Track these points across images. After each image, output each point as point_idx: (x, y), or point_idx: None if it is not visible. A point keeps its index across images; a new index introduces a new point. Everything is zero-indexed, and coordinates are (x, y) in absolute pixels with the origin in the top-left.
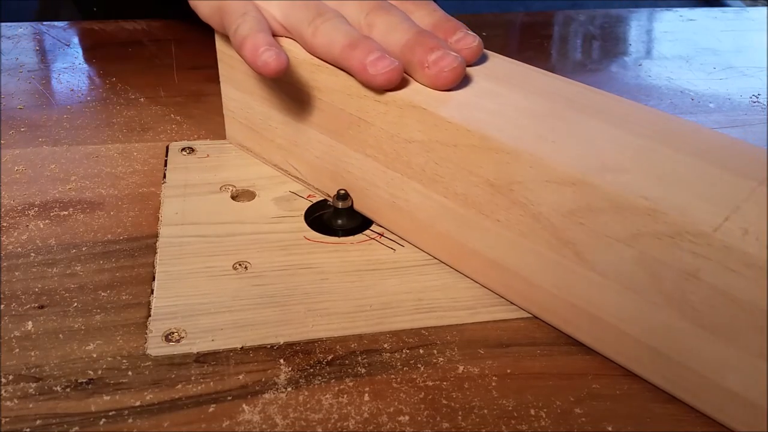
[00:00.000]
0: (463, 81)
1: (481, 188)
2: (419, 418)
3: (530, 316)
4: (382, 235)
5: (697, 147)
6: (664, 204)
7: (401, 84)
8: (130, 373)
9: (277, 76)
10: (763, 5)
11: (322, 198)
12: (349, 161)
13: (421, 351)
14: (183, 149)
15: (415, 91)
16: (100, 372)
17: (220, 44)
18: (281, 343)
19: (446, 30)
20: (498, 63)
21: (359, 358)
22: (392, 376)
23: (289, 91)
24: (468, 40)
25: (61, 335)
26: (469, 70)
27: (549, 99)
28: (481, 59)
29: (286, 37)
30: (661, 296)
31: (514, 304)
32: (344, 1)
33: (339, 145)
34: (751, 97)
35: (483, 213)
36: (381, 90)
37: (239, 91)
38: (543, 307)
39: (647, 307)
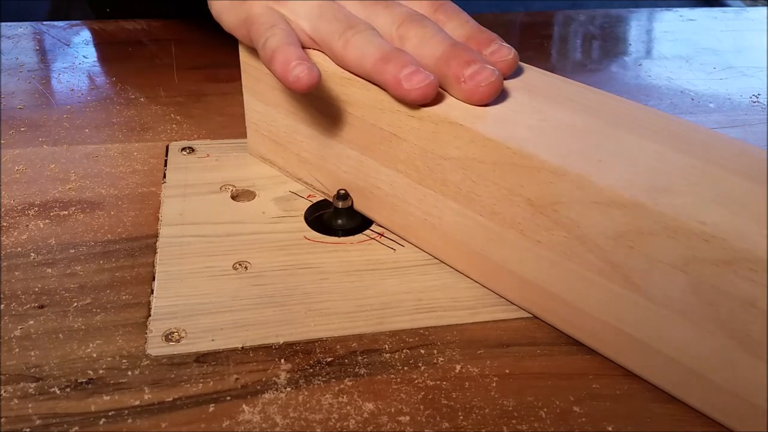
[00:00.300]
0: (500, 95)
1: (521, 208)
2: (419, 418)
3: (530, 316)
4: (382, 235)
5: (748, 167)
6: (720, 229)
7: (436, 99)
8: (130, 373)
9: (309, 91)
10: (763, 5)
11: (322, 198)
12: (379, 177)
13: (421, 351)
14: (183, 149)
15: (450, 106)
16: (100, 372)
17: (244, 55)
18: (281, 343)
19: (480, 41)
20: (533, 75)
21: (359, 358)
22: (392, 376)
23: (316, 104)
24: (503, 52)
25: (61, 335)
26: (505, 83)
27: (588, 113)
28: (516, 71)
29: (314, 49)
30: (716, 324)
31: (556, 328)
32: (375, 13)
33: (368, 160)
34: (751, 97)
35: (523, 233)
36: (415, 105)
37: (263, 104)
38: (586, 331)
39: (700, 335)
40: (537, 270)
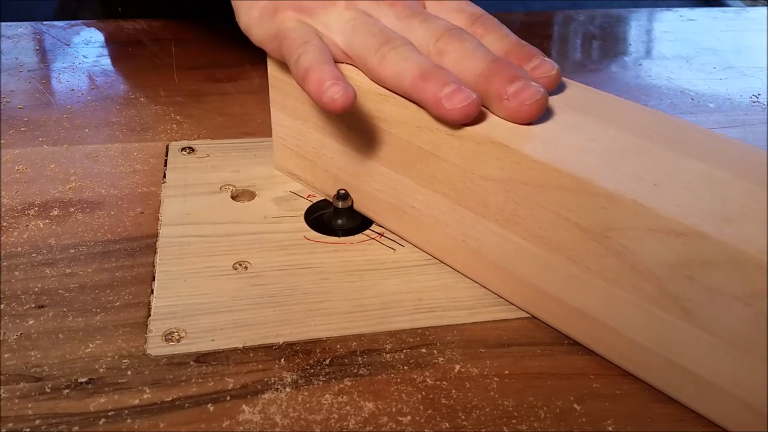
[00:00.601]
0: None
1: (569, 233)
2: (419, 418)
3: (529, 315)
4: (382, 235)
5: None
6: None
7: (477, 117)
8: (129, 372)
9: (344, 112)
10: (763, 5)
11: (322, 198)
12: (414, 196)
13: (422, 351)
14: (183, 149)
15: (493, 124)
16: (100, 372)
17: (272, 69)
18: (281, 342)
19: (521, 56)
20: (575, 91)
21: (359, 358)
22: (392, 376)
23: (348, 120)
24: (546, 68)
25: (60, 335)
26: None
27: (637, 132)
28: (558, 87)
29: (347, 64)
30: None
31: (605, 358)
32: (411, 27)
33: (403, 178)
34: (751, 97)
35: (571, 259)
36: (456, 124)
37: (291, 118)
38: (636, 362)
39: (759, 368)
40: (586, 298)
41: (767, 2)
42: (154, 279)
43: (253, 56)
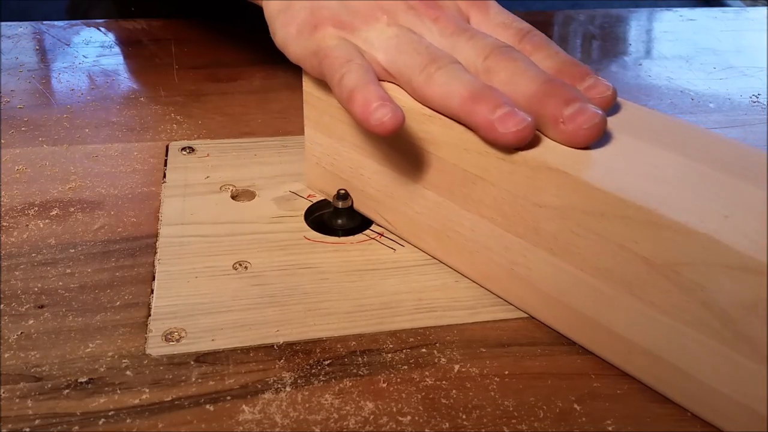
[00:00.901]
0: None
1: (633, 265)
2: (419, 418)
3: (529, 316)
4: (382, 234)
5: None
6: None
7: (531, 140)
8: (129, 372)
9: (392, 135)
10: (763, 5)
11: (322, 198)
12: (459, 221)
13: (422, 351)
14: (183, 149)
15: (548, 149)
16: (99, 372)
17: (308, 86)
18: (281, 342)
19: (573, 75)
20: (629, 111)
21: (359, 358)
22: (392, 375)
23: (389, 140)
24: (601, 88)
25: (60, 335)
26: None
27: (698, 158)
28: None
29: (389, 82)
30: None
31: (668, 398)
32: (458, 44)
33: (446, 202)
34: (751, 97)
35: (633, 293)
36: (509, 149)
37: (327, 137)
38: (701, 403)
39: None
40: (649, 335)
41: (767, 2)
42: (154, 279)
43: (253, 56)
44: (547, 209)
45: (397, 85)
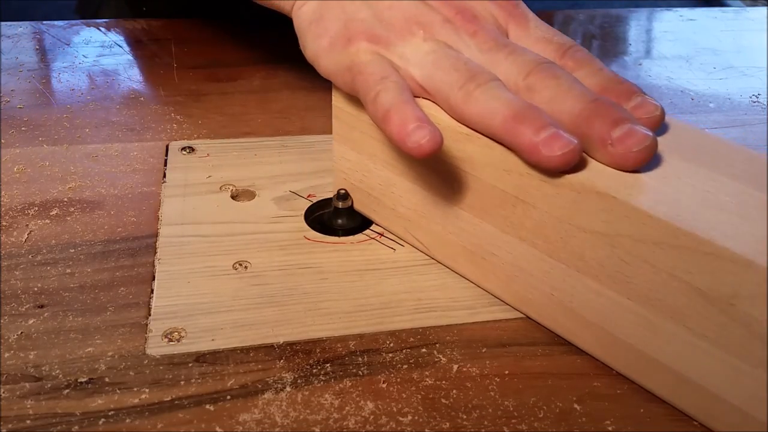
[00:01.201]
0: None
1: (686, 297)
2: (419, 418)
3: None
4: (382, 234)
5: None
6: None
7: (577, 163)
8: (129, 372)
9: (429, 157)
10: (763, 5)
11: (323, 197)
12: (496, 243)
13: (422, 350)
14: (183, 148)
15: (595, 172)
16: (99, 371)
17: (337, 101)
18: (281, 342)
19: (619, 94)
20: (678, 131)
21: (359, 358)
22: (392, 375)
23: (422, 159)
24: (648, 108)
25: (60, 335)
26: None
27: (753, 183)
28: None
29: (424, 98)
30: None
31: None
32: (497, 60)
33: (483, 223)
34: (751, 97)
35: (685, 325)
36: (554, 172)
37: (356, 152)
38: None
39: None
40: (699, 368)
41: (767, 2)
42: (154, 279)
43: (253, 56)
44: (593, 235)
45: (434, 102)
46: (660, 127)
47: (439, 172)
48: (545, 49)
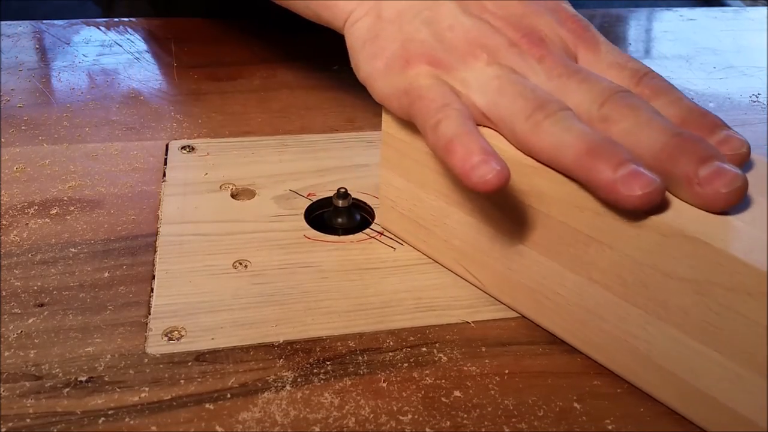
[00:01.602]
0: None
1: None
2: (419, 417)
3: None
4: (381, 233)
5: None
6: None
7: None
8: (129, 371)
9: (495, 193)
10: (763, 5)
11: (323, 197)
12: (562, 283)
13: (422, 349)
14: (183, 147)
15: (681, 213)
16: (99, 370)
17: (388, 126)
18: (281, 341)
19: (701, 127)
20: (763, 169)
21: (359, 357)
22: (392, 374)
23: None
24: (735, 144)
25: (60, 333)
26: None
27: None
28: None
29: (486, 126)
30: None
31: None
32: (568, 87)
33: (549, 262)
34: (751, 97)
35: None
36: (634, 212)
37: (405, 180)
38: None
39: None
40: None
41: (767, 2)
42: (153, 278)
43: (253, 55)
44: (679, 281)
45: (497, 131)
46: (746, 164)
47: (500, 206)
48: (618, 75)
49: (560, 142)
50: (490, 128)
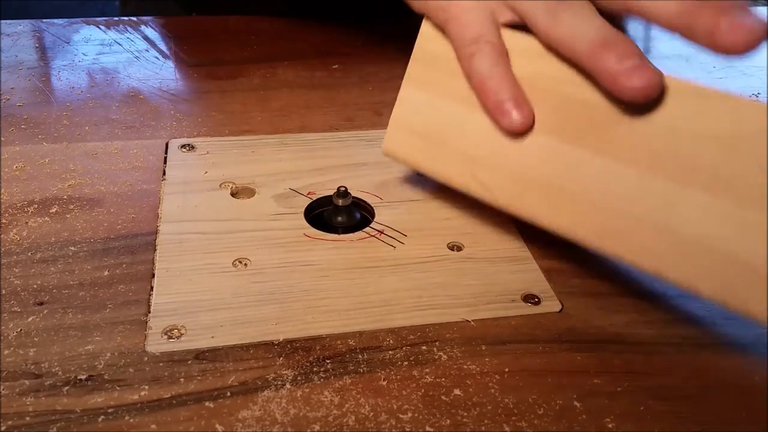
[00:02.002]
0: None
1: None
2: (419, 416)
3: (530, 313)
4: (382, 232)
5: None
6: None
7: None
8: (129, 369)
9: (522, 132)
10: (763, 5)
11: (323, 195)
12: (586, 170)
13: (422, 348)
14: (183, 146)
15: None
16: (99, 369)
17: (425, 41)
18: (281, 340)
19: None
20: None
21: (359, 356)
22: (392, 373)
23: None
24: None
25: (60, 332)
26: None
27: None
28: None
29: (514, 22)
30: None
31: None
32: None
33: (572, 150)
34: (750, 96)
35: None
36: (633, 102)
37: (428, 94)
38: None
39: None
40: None
41: (767, 2)
42: (153, 276)
43: (253, 54)
44: (710, 140)
45: (523, 25)
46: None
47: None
48: None
49: (577, 33)
50: (517, 23)
